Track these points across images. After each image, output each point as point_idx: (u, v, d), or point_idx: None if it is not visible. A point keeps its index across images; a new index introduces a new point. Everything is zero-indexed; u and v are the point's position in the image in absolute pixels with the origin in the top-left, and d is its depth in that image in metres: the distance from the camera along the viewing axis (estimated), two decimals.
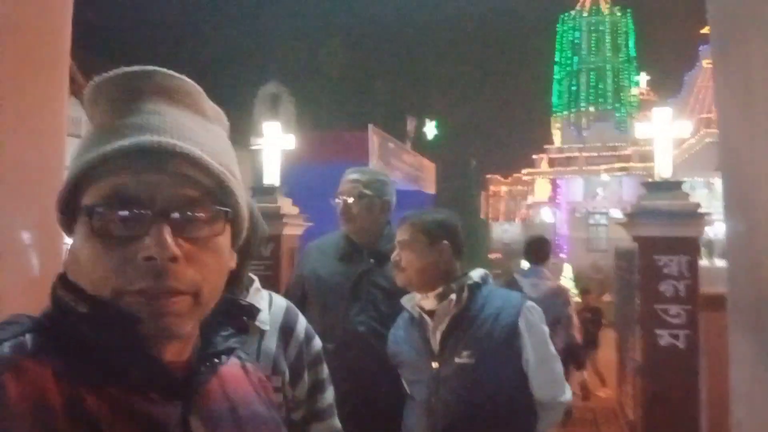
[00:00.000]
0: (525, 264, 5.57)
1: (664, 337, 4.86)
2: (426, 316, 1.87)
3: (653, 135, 5.65)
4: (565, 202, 33.90)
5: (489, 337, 1.77)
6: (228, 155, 0.72)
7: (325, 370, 1.45)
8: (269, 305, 1.42)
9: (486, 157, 38.69)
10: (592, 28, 40.91)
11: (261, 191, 5.88)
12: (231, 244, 0.71)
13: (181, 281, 0.63)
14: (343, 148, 11.85)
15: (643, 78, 38.95)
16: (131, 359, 0.62)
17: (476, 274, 1.90)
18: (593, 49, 40.92)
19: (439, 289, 1.84)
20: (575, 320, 5.23)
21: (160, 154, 0.64)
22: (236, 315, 0.76)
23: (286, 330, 1.38)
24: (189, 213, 0.65)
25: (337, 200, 2.34)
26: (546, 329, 1.87)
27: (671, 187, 5.31)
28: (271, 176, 5.93)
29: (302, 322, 1.44)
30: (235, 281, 1.33)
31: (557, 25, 42.21)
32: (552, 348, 1.87)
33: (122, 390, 0.62)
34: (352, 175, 2.39)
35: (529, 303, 1.87)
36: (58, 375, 0.59)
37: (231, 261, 0.72)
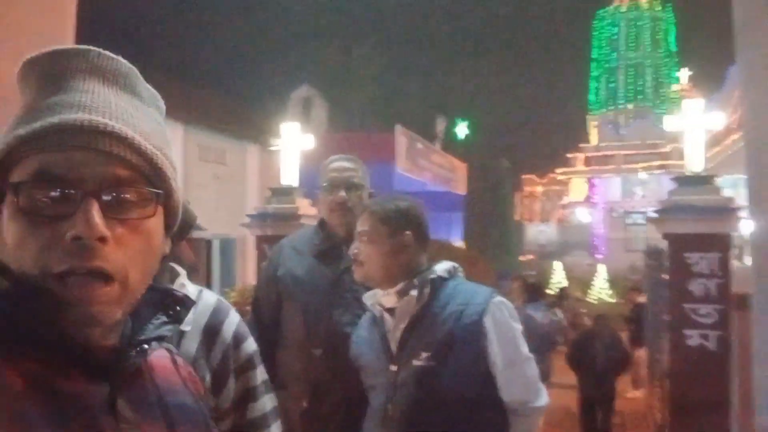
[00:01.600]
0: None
1: (694, 338, 4.66)
2: (386, 315, 1.72)
3: (683, 128, 5.44)
4: (602, 201, 33.21)
5: (451, 337, 1.61)
6: (161, 137, 0.70)
7: (258, 377, 1.24)
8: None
9: (521, 157, 38.16)
10: (630, 23, 40.09)
11: (279, 192, 5.89)
12: (165, 228, 0.70)
13: (109, 262, 0.61)
14: (370, 149, 11.82)
15: (684, 73, 37.82)
16: (54, 341, 0.61)
17: (441, 267, 1.73)
18: (632, 44, 40.10)
19: (400, 285, 1.68)
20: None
21: (91, 132, 0.62)
22: (170, 305, 0.74)
23: (211, 331, 1.19)
24: (119, 193, 0.63)
25: (326, 192, 2.15)
26: (518, 327, 1.69)
27: (702, 181, 5.10)
28: (289, 177, 5.91)
29: (231, 323, 1.24)
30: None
31: (594, 21, 41.52)
32: (524, 348, 1.69)
33: (45, 369, 0.60)
34: (342, 162, 2.19)
35: (498, 298, 1.69)
36: None
37: (164, 246, 0.70)
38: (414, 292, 1.66)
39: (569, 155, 37.53)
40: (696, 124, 5.35)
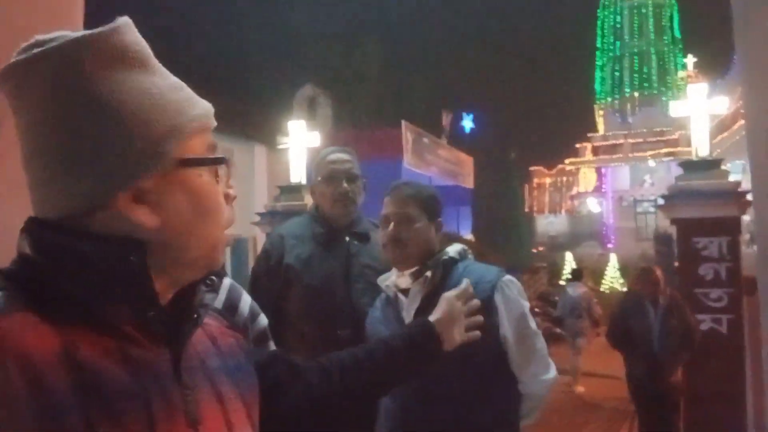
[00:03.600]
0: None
1: (706, 322, 4.66)
2: (401, 295, 1.79)
3: (688, 113, 5.43)
4: (612, 191, 33.06)
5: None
6: None
7: (271, 348, 1.39)
8: None
9: (528, 149, 38.06)
10: (634, 10, 39.82)
11: (287, 190, 5.95)
12: None
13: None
14: (376, 146, 11.86)
15: (690, 60, 37.51)
16: (126, 307, 0.63)
17: (453, 249, 1.80)
18: (636, 32, 39.83)
19: (416, 267, 1.75)
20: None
21: (211, 115, 0.72)
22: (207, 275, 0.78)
23: (229, 308, 1.33)
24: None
25: (326, 184, 2.21)
26: (526, 303, 1.76)
27: (709, 166, 5.10)
28: (298, 174, 5.96)
29: (246, 300, 1.39)
30: None
31: (598, 10, 41.27)
32: (532, 323, 1.76)
33: (116, 336, 0.62)
34: (340, 154, 2.25)
35: (507, 277, 1.76)
36: (41, 328, 0.58)
37: None
38: (429, 274, 1.73)
39: (577, 145, 37.37)
40: (701, 108, 5.34)
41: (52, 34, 0.64)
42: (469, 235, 15.29)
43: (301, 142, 6.10)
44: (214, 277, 0.76)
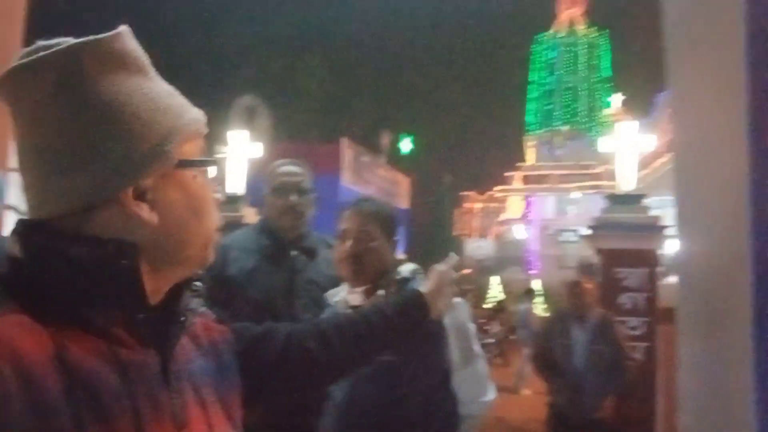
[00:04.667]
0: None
1: None
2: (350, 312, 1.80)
3: (616, 149, 5.75)
4: (537, 219, 34.20)
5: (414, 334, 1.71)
6: None
7: None
8: None
9: (461, 174, 38.93)
10: (568, 47, 41.76)
11: (224, 200, 5.83)
12: None
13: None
14: (315, 160, 11.78)
15: (617, 98, 39.64)
16: (117, 310, 0.63)
17: (405, 269, 1.78)
18: (569, 68, 41.77)
19: (368, 285, 1.71)
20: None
21: (203, 122, 0.75)
22: (189, 279, 0.77)
23: None
24: None
25: (275, 196, 2.18)
26: (472, 326, 1.80)
27: (633, 200, 5.40)
28: (235, 185, 5.87)
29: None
30: None
31: (533, 45, 43.03)
32: (477, 346, 1.79)
33: (101, 339, 0.62)
34: (291, 167, 2.24)
35: (457, 299, 1.75)
36: (32, 330, 0.58)
37: None
38: (382, 292, 1.70)
39: (507, 174, 38.59)
40: (629, 145, 5.68)
41: (54, 40, 0.66)
42: (402, 255, 15.45)
43: (241, 151, 6.01)
44: (198, 283, 0.77)
